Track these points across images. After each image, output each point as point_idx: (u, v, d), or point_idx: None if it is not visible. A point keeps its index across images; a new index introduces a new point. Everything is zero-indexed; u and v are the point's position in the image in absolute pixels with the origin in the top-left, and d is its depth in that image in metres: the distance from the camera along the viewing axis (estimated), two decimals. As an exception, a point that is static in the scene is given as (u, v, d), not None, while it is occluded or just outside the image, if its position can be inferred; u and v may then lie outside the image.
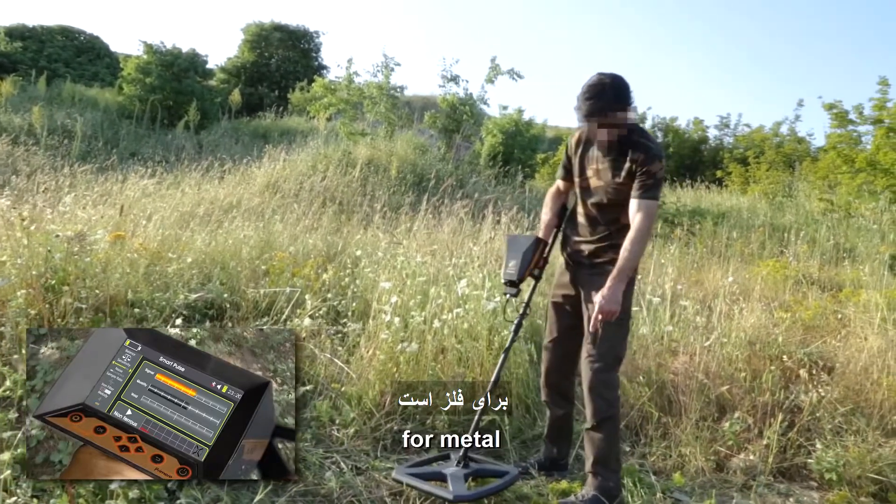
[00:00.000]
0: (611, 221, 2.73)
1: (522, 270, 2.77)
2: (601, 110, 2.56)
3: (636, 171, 2.60)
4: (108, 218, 5.18)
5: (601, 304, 2.56)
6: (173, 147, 12.87)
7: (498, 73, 11.57)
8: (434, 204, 5.98)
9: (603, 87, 2.55)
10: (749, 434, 3.15)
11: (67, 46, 22.44)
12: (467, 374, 3.45)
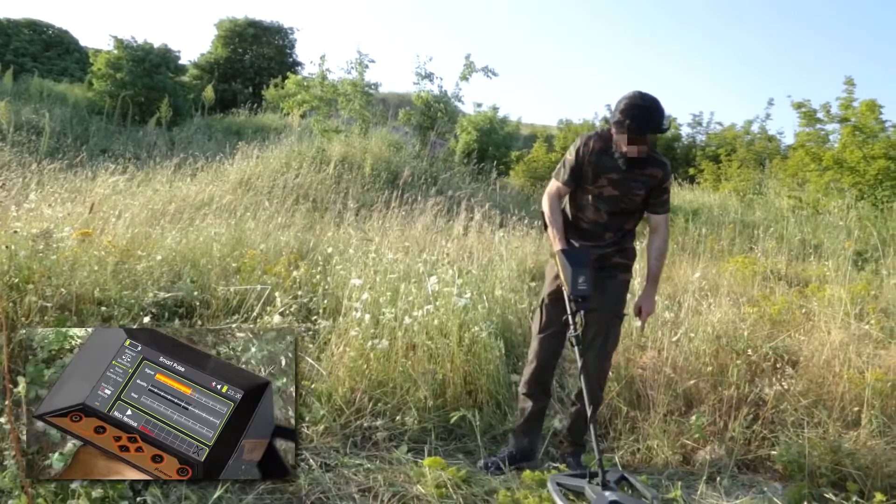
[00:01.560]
0: (619, 227, 2.94)
1: (593, 283, 2.74)
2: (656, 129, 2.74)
3: (656, 186, 2.84)
4: (77, 215, 5.10)
5: (647, 309, 2.97)
6: (145, 144, 12.69)
7: (472, 70, 11.59)
8: (407, 200, 5.98)
9: (658, 107, 2.71)
10: (715, 427, 3.20)
11: (35, 40, 21.99)
12: (438, 370, 3.46)
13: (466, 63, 11.64)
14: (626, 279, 3.02)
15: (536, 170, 13.22)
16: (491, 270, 4.65)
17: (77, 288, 3.75)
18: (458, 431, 3.30)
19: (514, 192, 11.83)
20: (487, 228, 5.58)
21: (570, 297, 2.74)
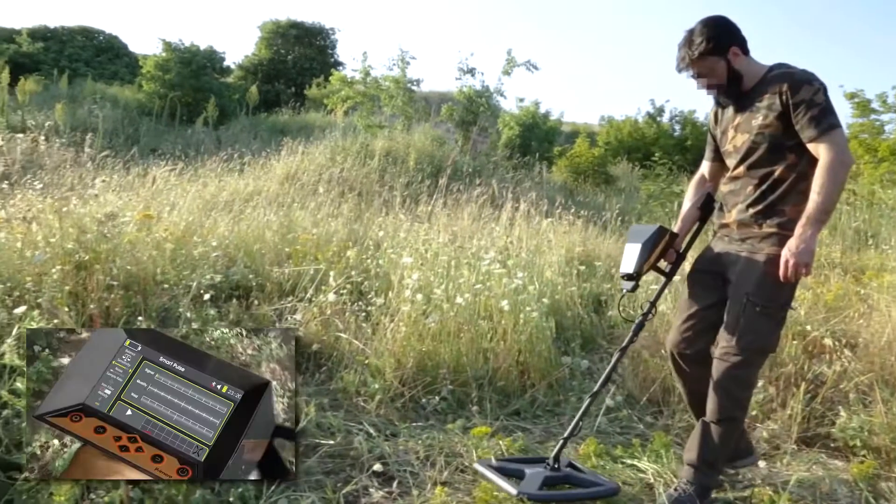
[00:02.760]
0: (763, 178, 2.35)
1: (641, 263, 2.44)
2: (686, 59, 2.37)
3: (787, 103, 2.25)
4: (133, 206, 5.27)
5: (787, 256, 2.19)
6: (193, 142, 13.00)
7: (514, 65, 11.60)
8: (452, 190, 6.02)
9: (684, 38, 2.38)
10: (772, 404, 3.16)
11: (87, 46, 22.76)
12: (489, 348, 3.49)
13: (508, 58, 11.66)
14: (775, 254, 2.27)
15: (579, 165, 13.14)
16: (539, 255, 4.66)
17: (138, 270, 3.89)
18: (511, 408, 3.33)
19: (558, 187, 11.79)
20: (534, 217, 5.58)
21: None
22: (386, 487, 2.35)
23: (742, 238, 2.40)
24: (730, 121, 2.46)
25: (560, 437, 2.57)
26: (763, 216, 2.34)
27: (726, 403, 2.35)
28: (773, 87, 2.30)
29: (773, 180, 2.32)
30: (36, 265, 3.34)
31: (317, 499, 2.15)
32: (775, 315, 2.34)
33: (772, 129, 2.29)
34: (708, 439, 2.40)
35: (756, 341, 2.32)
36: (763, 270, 2.30)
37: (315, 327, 3.55)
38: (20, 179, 5.82)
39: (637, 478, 2.62)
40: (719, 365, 2.36)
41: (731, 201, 2.46)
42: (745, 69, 2.37)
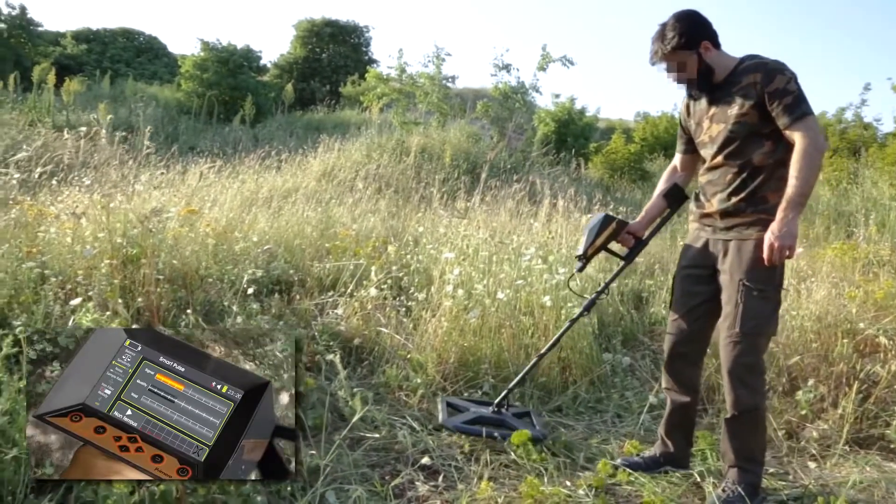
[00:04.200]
0: (742, 166, 2.38)
1: (585, 247, 2.72)
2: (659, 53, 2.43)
3: (762, 92, 2.29)
4: (175, 202, 5.36)
5: (771, 240, 2.23)
6: (230, 140, 13.17)
7: (549, 60, 11.48)
8: (491, 186, 6.00)
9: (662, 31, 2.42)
10: (823, 404, 3.09)
11: (128, 47, 23.30)
12: (530, 344, 3.48)
13: (543, 53, 11.55)
14: (763, 239, 2.30)
15: (615, 161, 13.00)
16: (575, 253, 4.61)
17: (182, 264, 3.96)
18: (553, 404, 3.30)
19: (594, 183, 11.69)
20: (573, 212, 5.54)
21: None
22: (431, 481, 2.35)
23: (727, 227, 2.43)
24: (703, 112, 2.50)
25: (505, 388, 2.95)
26: (746, 203, 2.38)
27: (743, 394, 2.36)
28: (747, 77, 2.35)
29: (753, 168, 2.37)
30: (86, 259, 3.41)
31: (364, 491, 2.16)
32: (772, 297, 2.37)
33: (748, 117, 2.34)
34: (738, 435, 2.41)
35: (759, 325, 2.34)
36: (753, 255, 2.33)
37: (356, 322, 3.57)
38: (66, 177, 5.96)
39: (683, 477, 2.58)
40: (726, 354, 2.38)
41: (711, 191, 2.49)
42: (716, 62, 2.42)
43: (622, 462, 2.64)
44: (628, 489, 2.48)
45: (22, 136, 8.86)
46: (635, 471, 2.57)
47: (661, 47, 2.41)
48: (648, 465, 2.64)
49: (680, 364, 2.62)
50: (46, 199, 4.82)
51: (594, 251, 2.74)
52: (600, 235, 2.70)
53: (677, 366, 2.63)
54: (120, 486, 1.71)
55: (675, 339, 2.60)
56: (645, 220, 2.76)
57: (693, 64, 2.40)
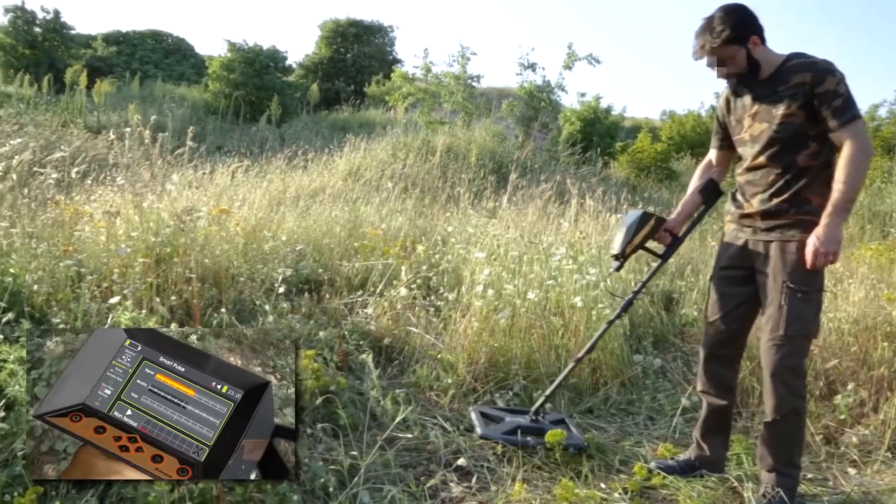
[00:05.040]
0: (787, 167, 2.33)
1: (623, 245, 2.60)
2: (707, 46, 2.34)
3: (811, 93, 2.24)
4: (204, 201, 5.41)
5: (816, 245, 2.19)
6: (257, 140, 13.29)
7: (575, 59, 11.42)
8: (520, 185, 5.98)
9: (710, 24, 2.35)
10: (862, 409, 3.02)
11: (157, 49, 23.62)
12: (561, 345, 3.45)
13: (569, 52, 11.49)
14: (805, 241, 2.26)
15: (642, 161, 12.88)
16: (609, 251, 4.57)
17: (213, 263, 3.99)
18: (584, 406, 3.27)
19: (620, 183, 11.59)
20: (602, 212, 5.49)
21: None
22: (465, 482, 2.34)
23: (768, 228, 2.38)
24: (746, 109, 2.44)
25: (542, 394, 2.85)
26: (788, 205, 2.33)
27: (785, 396, 2.32)
28: (796, 76, 2.28)
29: (798, 169, 2.32)
30: (120, 258, 3.46)
31: (398, 492, 2.16)
32: (815, 299, 2.33)
33: (795, 118, 2.28)
34: (778, 439, 2.38)
35: (803, 327, 2.30)
36: (796, 257, 2.29)
37: (386, 322, 3.57)
38: (99, 176, 6.05)
39: (719, 481, 2.54)
40: (770, 356, 2.33)
41: (751, 191, 2.43)
42: (763, 58, 2.35)
43: (656, 465, 2.60)
44: (663, 493, 2.45)
45: (55, 137, 9.03)
46: (670, 475, 2.54)
47: (709, 40, 2.33)
48: (683, 468, 2.61)
49: (717, 366, 2.58)
50: (81, 199, 4.89)
51: (632, 250, 2.65)
52: (638, 233, 2.61)
53: (714, 368, 2.59)
54: (161, 485, 1.72)
55: (712, 341, 2.57)
56: (681, 216, 2.69)
57: (741, 59, 2.33)
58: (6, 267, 3.04)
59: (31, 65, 17.17)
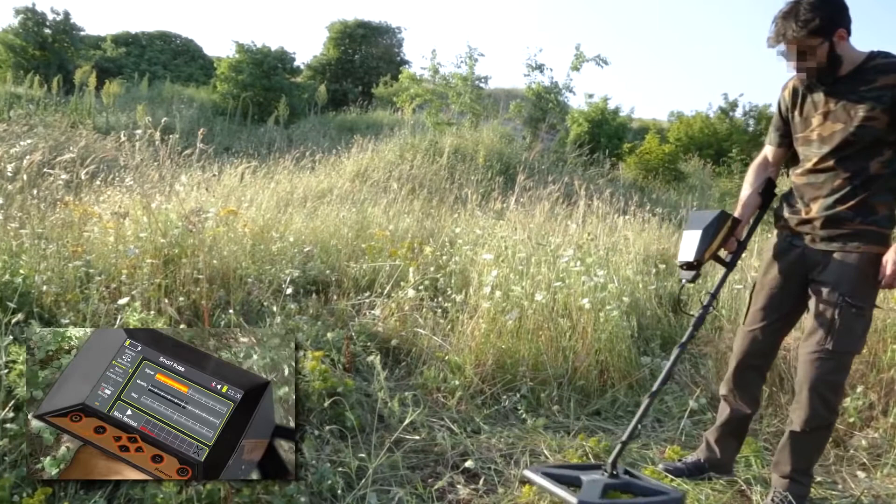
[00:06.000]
0: (856, 172, 2.17)
1: (701, 251, 2.31)
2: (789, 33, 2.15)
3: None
4: (212, 203, 5.43)
5: (891, 263, 2.07)
6: (265, 140, 13.33)
7: (583, 60, 11.43)
8: (525, 187, 5.97)
9: (796, 9, 2.14)
10: (872, 412, 3.00)
11: (165, 50, 23.76)
12: (568, 347, 3.44)
13: (577, 53, 11.50)
14: (869, 253, 2.16)
15: (650, 162, 12.84)
16: (616, 253, 4.57)
17: (221, 264, 4.00)
18: (591, 408, 3.27)
19: (628, 184, 11.56)
20: (610, 214, 5.48)
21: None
22: (472, 484, 2.34)
23: (829, 237, 2.23)
24: (816, 107, 2.26)
25: (617, 442, 2.43)
26: (853, 212, 2.17)
27: (822, 411, 2.24)
28: (883, 77, 2.12)
29: (867, 176, 2.16)
30: (129, 259, 3.47)
31: (405, 494, 2.16)
32: (867, 315, 2.22)
33: (877, 122, 2.12)
34: (801, 450, 2.32)
35: (851, 344, 2.21)
36: (858, 270, 2.15)
37: (393, 323, 3.57)
38: (108, 177, 6.08)
39: (728, 485, 2.53)
40: (813, 371, 2.22)
41: (811, 195, 2.27)
42: (846, 53, 2.17)
43: (664, 468, 2.58)
44: (671, 496, 2.43)
45: (64, 138, 9.07)
46: (678, 477, 2.52)
47: (793, 29, 2.12)
48: (692, 470, 2.57)
49: (749, 376, 2.50)
50: (90, 200, 4.92)
51: (710, 256, 2.37)
52: (717, 237, 2.34)
53: (745, 377, 2.50)
54: (168, 485, 1.72)
55: (748, 350, 2.46)
56: (745, 218, 2.48)
57: (822, 52, 2.14)
58: (16, 268, 3.06)
59: (40, 66, 17.30)
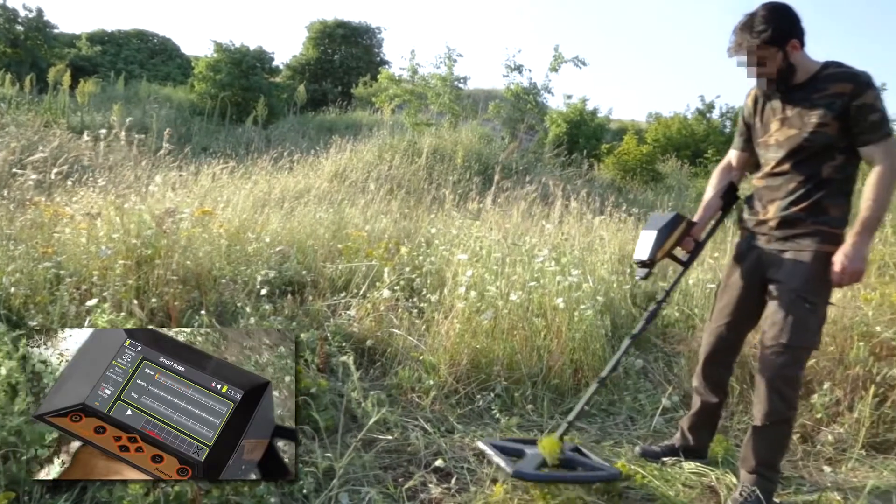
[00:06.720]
0: (810, 176, 2.28)
1: (655, 250, 2.43)
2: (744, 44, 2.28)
3: (849, 104, 2.19)
4: (188, 203, 5.39)
5: (844, 264, 2.17)
6: (243, 141, 13.24)
7: (561, 61, 11.50)
8: (503, 188, 6.00)
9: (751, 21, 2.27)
10: (838, 408, 3.06)
11: (142, 49, 23.49)
12: (543, 346, 3.46)
13: (555, 54, 11.56)
14: (821, 251, 2.26)
15: (627, 162, 12.95)
16: (592, 253, 4.61)
17: (195, 265, 3.97)
18: (566, 406, 3.29)
19: (605, 184, 11.65)
20: (586, 214, 5.52)
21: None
22: (444, 483, 2.35)
23: (784, 237, 2.34)
24: (774, 113, 2.38)
25: (564, 420, 2.62)
26: (806, 213, 2.28)
27: (779, 405, 2.32)
28: (835, 86, 2.23)
29: (820, 180, 2.27)
30: (101, 260, 3.44)
31: (376, 494, 2.16)
32: (821, 311, 2.32)
33: (828, 129, 2.23)
34: (764, 444, 2.39)
35: (805, 339, 2.29)
36: (811, 268, 2.26)
37: (369, 323, 3.57)
38: (81, 177, 6.00)
39: (698, 480, 2.57)
40: (769, 365, 2.32)
41: (769, 197, 2.39)
42: (800, 63, 2.29)
43: (641, 452, 2.73)
44: (642, 492, 2.46)
45: (37, 137, 8.93)
46: (653, 460, 2.66)
47: (748, 39, 2.25)
48: (665, 452, 2.72)
49: (716, 369, 2.64)
50: (62, 200, 4.85)
51: (663, 255, 2.50)
52: (670, 237, 2.46)
53: (712, 370, 2.64)
54: (135, 487, 1.71)
55: (715, 345, 2.59)
56: (703, 220, 2.60)
57: (777, 61, 2.26)
58: (-17, 269, 3.01)
59: (12, 64, 17.00)
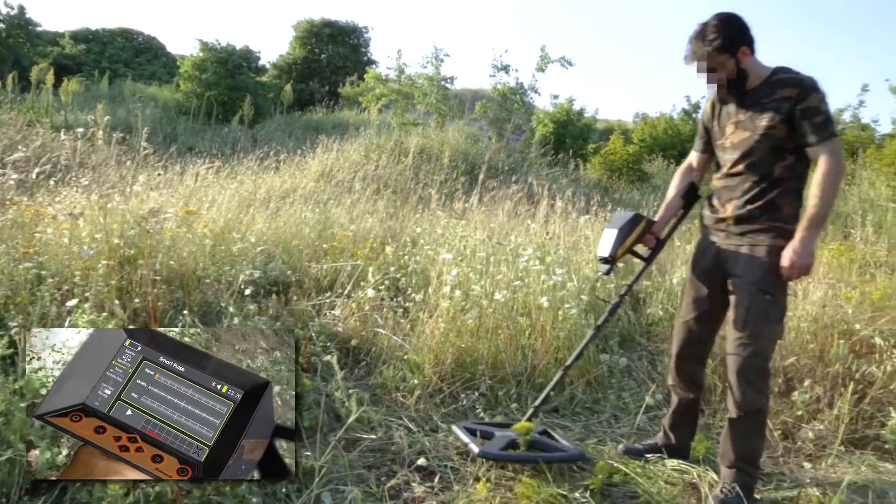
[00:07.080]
0: (763, 176, 2.40)
1: (615, 247, 2.55)
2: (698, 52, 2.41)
3: (794, 108, 2.31)
4: (173, 203, 5.36)
5: (793, 259, 2.28)
6: (229, 140, 13.17)
7: (548, 61, 11.52)
8: (489, 188, 6.01)
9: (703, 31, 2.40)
10: (818, 405, 3.09)
11: (127, 47, 23.32)
12: (527, 345, 3.48)
13: (542, 54, 11.58)
14: (775, 245, 2.37)
15: (614, 162, 13.00)
16: (576, 253, 4.63)
17: (179, 265, 3.95)
18: (550, 405, 3.31)
19: (592, 184, 11.70)
20: (571, 213, 5.54)
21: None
22: (427, 482, 2.35)
23: (741, 232, 2.46)
24: (729, 117, 2.50)
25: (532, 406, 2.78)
26: (761, 211, 2.40)
27: (750, 395, 2.39)
28: (782, 90, 2.35)
29: (773, 179, 2.39)
30: (83, 260, 3.41)
31: (359, 492, 2.17)
32: (781, 302, 2.42)
33: (777, 131, 2.35)
34: (740, 436, 2.45)
35: (768, 328, 2.39)
36: (767, 260, 2.37)
37: (353, 323, 3.57)
38: (64, 177, 5.95)
39: (680, 478, 2.59)
40: (737, 357, 2.40)
41: (726, 196, 2.50)
42: (751, 69, 2.42)
43: (625, 449, 2.77)
44: (624, 490, 2.48)
45: (20, 137, 8.85)
46: (636, 457, 2.70)
47: (700, 47, 2.39)
48: (648, 450, 2.76)
49: (687, 364, 2.70)
50: (44, 200, 4.81)
51: (623, 252, 2.63)
52: (630, 235, 2.60)
53: (685, 365, 2.70)
54: (115, 488, 1.71)
55: (684, 340, 2.67)
56: (664, 219, 2.75)
57: (729, 67, 2.39)
58: (-37, 270, 2.98)
59: (-7, 62, 16.84)
